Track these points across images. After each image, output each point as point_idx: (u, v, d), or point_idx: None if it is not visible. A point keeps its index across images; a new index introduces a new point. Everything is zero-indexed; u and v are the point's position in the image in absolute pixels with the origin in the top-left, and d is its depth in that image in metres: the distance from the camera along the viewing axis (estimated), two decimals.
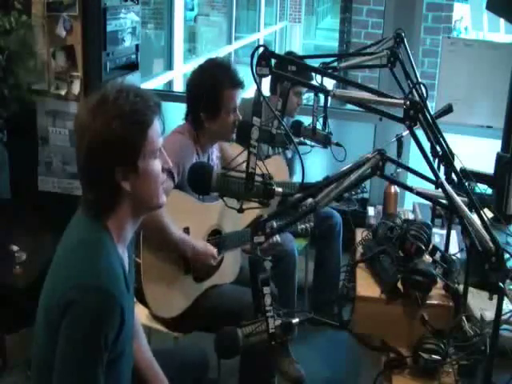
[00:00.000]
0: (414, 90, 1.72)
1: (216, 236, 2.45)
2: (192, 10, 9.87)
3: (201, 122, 2.42)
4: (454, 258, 2.10)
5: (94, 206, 1.52)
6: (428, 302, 1.96)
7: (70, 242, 1.53)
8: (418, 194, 1.47)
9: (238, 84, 2.42)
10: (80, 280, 1.42)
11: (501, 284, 1.36)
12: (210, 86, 2.38)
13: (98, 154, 1.45)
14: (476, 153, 3.59)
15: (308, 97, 3.70)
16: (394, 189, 2.63)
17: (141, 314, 2.33)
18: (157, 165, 1.54)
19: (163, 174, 1.57)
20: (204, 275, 2.42)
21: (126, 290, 1.52)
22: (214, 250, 2.37)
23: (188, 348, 2.20)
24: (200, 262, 2.34)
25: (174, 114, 2.58)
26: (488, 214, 1.85)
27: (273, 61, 1.44)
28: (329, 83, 2.33)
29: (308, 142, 2.42)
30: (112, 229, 1.52)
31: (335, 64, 2.21)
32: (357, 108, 1.66)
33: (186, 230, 2.34)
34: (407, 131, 1.40)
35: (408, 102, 1.35)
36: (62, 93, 3.25)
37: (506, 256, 1.40)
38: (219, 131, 2.45)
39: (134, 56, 3.59)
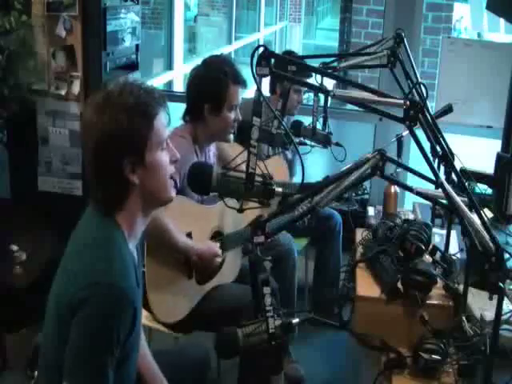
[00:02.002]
0: (414, 90, 1.72)
1: (218, 238, 2.45)
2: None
3: (203, 115, 2.42)
4: (453, 257, 2.10)
5: (104, 202, 1.52)
6: (428, 301, 1.96)
7: (81, 240, 1.53)
8: (418, 193, 1.47)
9: (242, 82, 2.44)
10: (94, 278, 1.41)
11: (501, 284, 1.36)
12: (217, 78, 2.39)
13: (106, 149, 1.46)
14: (476, 153, 3.60)
15: (308, 97, 3.70)
16: (394, 189, 2.63)
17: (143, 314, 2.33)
18: (164, 156, 1.55)
19: (171, 165, 1.57)
20: (207, 277, 2.42)
21: (136, 286, 1.52)
22: (217, 248, 2.37)
23: (189, 347, 2.20)
24: (205, 264, 2.35)
25: (174, 114, 2.57)
26: (488, 214, 1.85)
27: (273, 61, 1.44)
28: (329, 83, 2.33)
29: (308, 142, 2.42)
30: (123, 225, 1.52)
31: (335, 64, 2.21)
32: (357, 108, 1.66)
33: (189, 235, 2.34)
34: (407, 131, 1.40)
35: (408, 102, 1.36)
36: (62, 93, 3.25)
37: (506, 256, 1.41)
38: (219, 128, 2.45)
39: (133, 56, 3.59)
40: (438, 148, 1.58)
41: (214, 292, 2.44)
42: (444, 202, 1.47)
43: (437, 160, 1.59)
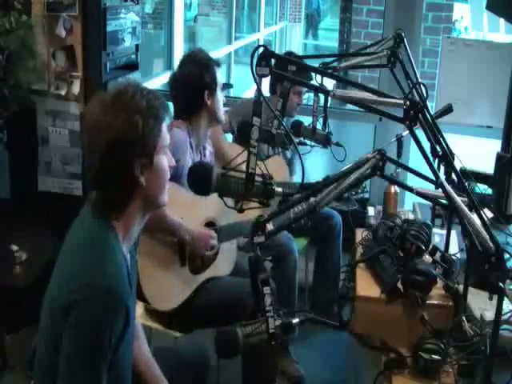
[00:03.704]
0: (414, 90, 1.72)
1: (212, 227, 2.47)
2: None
3: (204, 103, 2.55)
4: (453, 257, 2.10)
5: (106, 204, 1.52)
6: (428, 301, 1.96)
7: (75, 242, 1.53)
8: (418, 194, 1.47)
9: (220, 63, 2.67)
10: (86, 280, 1.42)
11: (501, 284, 1.36)
12: (208, 65, 2.58)
13: (118, 150, 1.47)
14: (476, 153, 3.60)
15: (308, 97, 3.70)
16: (394, 189, 2.63)
17: (140, 313, 2.33)
18: (166, 161, 1.57)
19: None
20: (200, 267, 2.43)
21: (129, 288, 1.52)
22: (211, 232, 2.39)
23: (188, 347, 2.21)
24: (199, 246, 2.37)
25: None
26: (488, 213, 1.85)
27: (273, 61, 1.44)
28: (329, 83, 2.33)
29: (308, 141, 2.42)
30: (118, 229, 1.52)
31: (335, 64, 2.21)
32: (357, 108, 1.66)
33: None
34: (407, 131, 1.40)
35: (408, 102, 1.36)
36: (62, 93, 3.25)
37: (506, 256, 1.41)
38: (216, 110, 2.59)
39: (133, 56, 3.59)
40: (438, 148, 1.58)
41: (210, 286, 2.46)
42: (444, 202, 1.47)
43: (437, 160, 1.59)
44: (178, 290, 2.36)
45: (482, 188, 2.37)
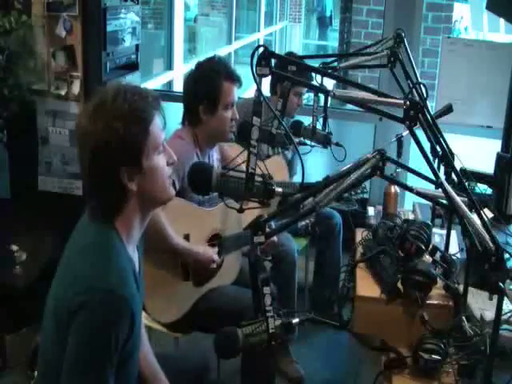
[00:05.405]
0: (413, 90, 1.72)
1: (215, 240, 2.45)
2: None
3: (199, 118, 2.41)
4: (453, 257, 2.10)
5: (102, 209, 1.51)
6: (428, 302, 1.95)
7: (78, 245, 1.53)
8: (418, 194, 1.47)
9: (235, 79, 2.43)
10: (91, 283, 1.41)
11: (501, 284, 1.36)
12: (209, 77, 2.39)
13: (102, 157, 1.45)
14: (476, 153, 3.60)
15: (308, 97, 3.70)
16: (394, 189, 2.63)
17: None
18: (161, 160, 1.54)
19: (169, 168, 1.57)
20: (204, 279, 2.42)
21: (136, 290, 1.52)
22: (214, 254, 2.37)
23: (188, 351, 2.20)
24: (201, 266, 2.35)
25: (174, 114, 2.59)
26: (488, 213, 1.85)
27: (273, 61, 1.44)
28: (329, 83, 2.33)
29: (308, 142, 2.42)
30: (120, 229, 1.52)
31: (335, 64, 2.21)
32: (357, 108, 1.66)
33: (187, 237, 2.34)
34: (407, 131, 1.40)
35: (408, 102, 1.36)
36: (62, 93, 3.25)
37: (506, 256, 1.41)
38: (217, 129, 2.44)
39: (134, 56, 3.59)
40: (438, 148, 1.58)
41: (211, 294, 2.43)
42: (444, 202, 1.47)
43: (437, 160, 1.59)
44: (179, 304, 2.34)
45: (482, 188, 2.37)
